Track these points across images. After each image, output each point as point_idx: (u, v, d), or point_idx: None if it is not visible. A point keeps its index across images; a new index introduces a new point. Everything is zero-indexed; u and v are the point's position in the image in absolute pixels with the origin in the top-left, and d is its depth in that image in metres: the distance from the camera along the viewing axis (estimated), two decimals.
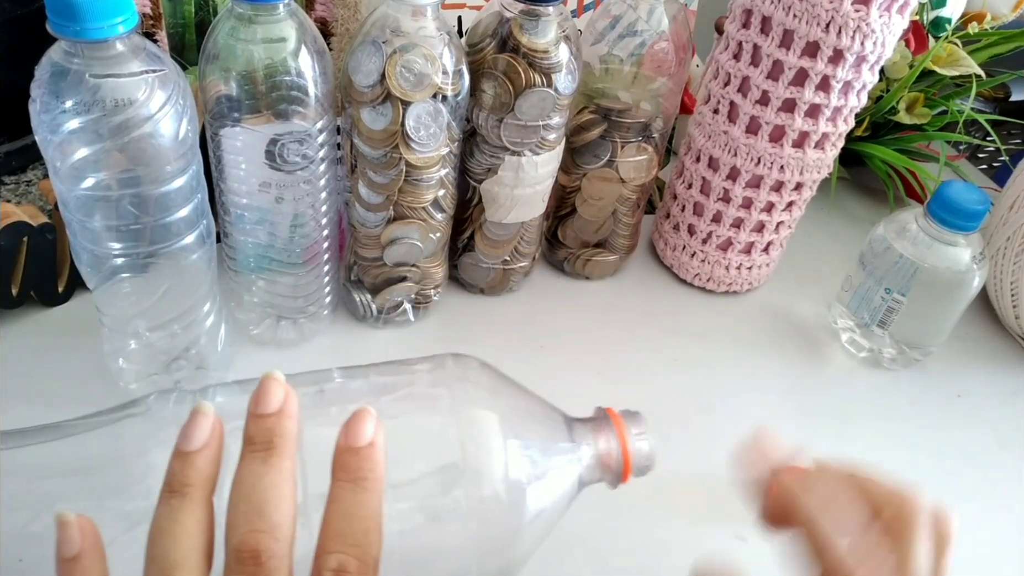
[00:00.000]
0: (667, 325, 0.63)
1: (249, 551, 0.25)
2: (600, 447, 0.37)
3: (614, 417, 0.38)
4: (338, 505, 0.26)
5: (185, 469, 0.26)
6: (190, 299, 0.47)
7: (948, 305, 0.57)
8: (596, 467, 0.37)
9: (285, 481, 0.26)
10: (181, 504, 0.25)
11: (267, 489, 0.25)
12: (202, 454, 0.26)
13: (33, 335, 0.53)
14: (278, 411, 0.27)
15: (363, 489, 0.26)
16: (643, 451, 0.37)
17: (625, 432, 0.37)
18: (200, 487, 0.26)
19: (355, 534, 0.26)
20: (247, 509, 0.25)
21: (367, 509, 0.26)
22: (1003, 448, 0.56)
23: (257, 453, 0.26)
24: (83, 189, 0.39)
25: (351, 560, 0.25)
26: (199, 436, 0.26)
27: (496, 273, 0.61)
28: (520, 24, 0.50)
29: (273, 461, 0.26)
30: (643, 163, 0.60)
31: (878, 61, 0.54)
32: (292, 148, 0.46)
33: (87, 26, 0.35)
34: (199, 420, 0.27)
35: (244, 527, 0.25)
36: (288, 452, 0.26)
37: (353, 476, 0.27)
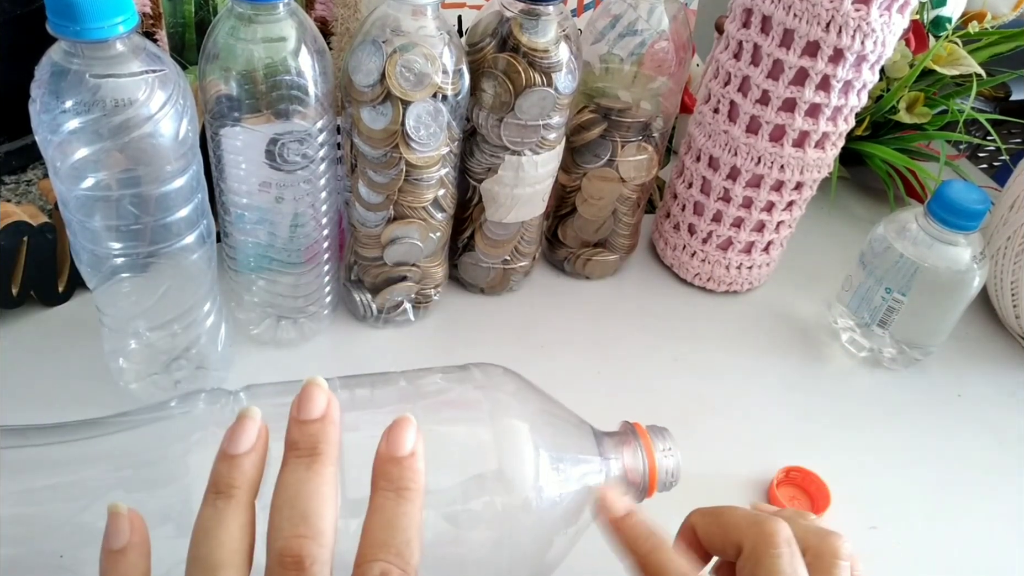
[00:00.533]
0: (667, 324, 0.63)
1: (292, 556, 0.25)
2: (627, 462, 0.37)
3: (641, 432, 0.38)
4: (381, 515, 0.27)
5: (231, 472, 0.26)
6: (190, 299, 0.47)
7: (948, 305, 0.57)
8: (623, 481, 0.37)
9: (329, 487, 0.26)
10: (226, 506, 0.26)
11: (311, 495, 0.26)
12: (248, 457, 0.26)
13: (33, 335, 0.53)
14: (322, 417, 0.27)
15: (405, 499, 0.27)
16: (669, 467, 0.38)
17: (652, 448, 0.38)
18: (245, 490, 0.26)
19: (398, 544, 0.26)
20: (291, 515, 0.25)
21: (409, 519, 0.26)
22: (1003, 447, 0.56)
23: (302, 459, 0.26)
24: (83, 189, 0.39)
25: (394, 568, 0.25)
26: (246, 440, 0.27)
27: (496, 273, 0.61)
28: (520, 23, 0.50)
29: (317, 468, 0.26)
30: (643, 162, 0.60)
31: (878, 60, 0.54)
32: (292, 148, 0.46)
33: (87, 26, 0.35)
34: (246, 424, 0.27)
35: (288, 532, 0.25)
36: (332, 458, 0.27)
37: (395, 486, 0.27)
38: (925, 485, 0.53)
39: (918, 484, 0.53)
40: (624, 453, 0.37)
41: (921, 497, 0.52)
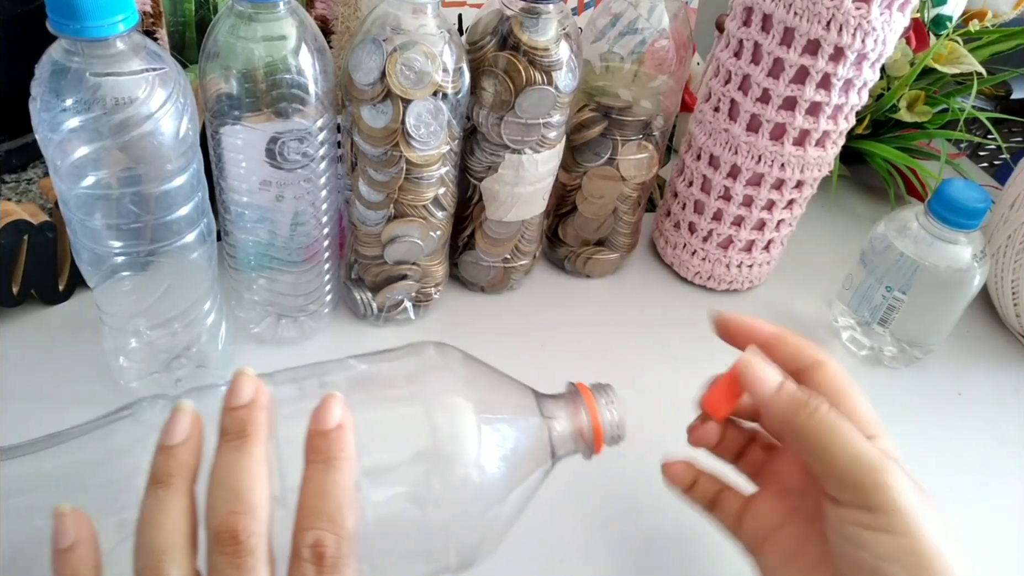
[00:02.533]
0: (667, 323, 0.63)
1: (228, 531, 0.26)
2: (571, 420, 0.38)
3: (583, 390, 0.39)
4: (311, 485, 0.28)
5: (168, 461, 0.28)
6: (191, 297, 0.47)
7: (949, 303, 0.57)
8: (568, 440, 0.38)
9: (259, 465, 0.27)
10: (165, 494, 0.27)
11: (242, 474, 0.27)
12: (184, 447, 0.28)
13: (34, 334, 0.53)
14: (249, 402, 0.29)
15: (334, 468, 0.28)
16: (613, 420, 0.38)
17: (595, 403, 0.38)
18: (183, 477, 0.27)
19: (329, 510, 0.27)
20: (224, 494, 0.27)
21: (338, 486, 0.28)
22: (1004, 446, 0.56)
23: (231, 442, 0.28)
24: (83, 187, 0.39)
25: (327, 535, 0.27)
26: (180, 431, 0.28)
27: (497, 271, 0.61)
28: (520, 22, 0.50)
29: (246, 448, 0.28)
30: (644, 161, 0.60)
31: (879, 59, 0.54)
32: (292, 146, 0.46)
33: (87, 24, 0.35)
34: (179, 416, 0.28)
35: (223, 510, 0.26)
36: (260, 438, 0.28)
37: (324, 456, 0.28)
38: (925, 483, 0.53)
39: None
40: (568, 413, 0.38)
41: None
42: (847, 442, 0.35)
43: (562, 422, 0.38)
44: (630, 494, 0.49)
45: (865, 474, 0.34)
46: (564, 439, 0.38)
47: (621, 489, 0.49)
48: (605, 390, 0.39)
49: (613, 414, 0.38)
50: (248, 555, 0.26)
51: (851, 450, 0.34)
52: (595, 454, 0.38)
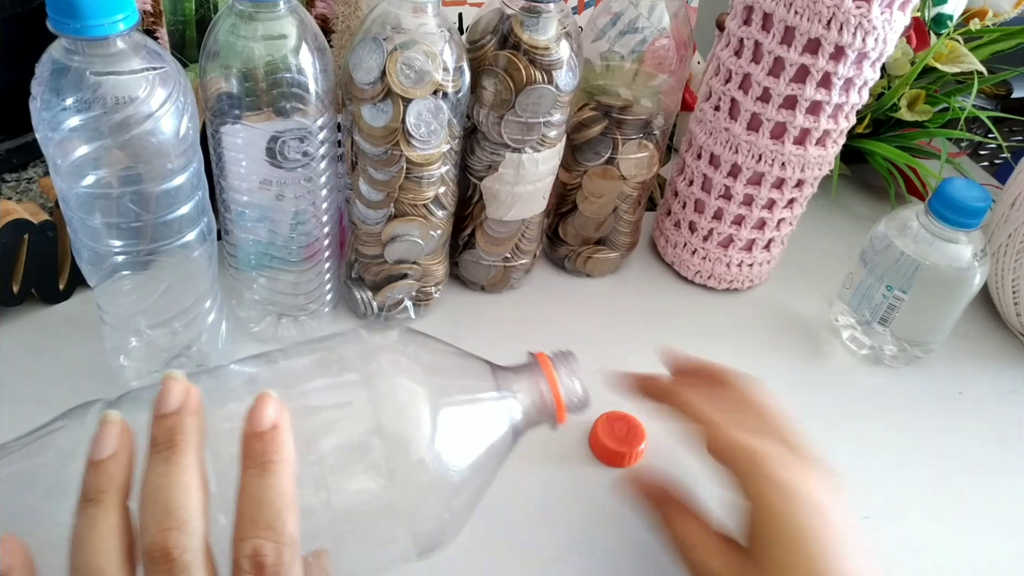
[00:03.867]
0: (668, 322, 0.63)
1: (160, 550, 0.25)
2: (530, 392, 0.36)
3: (542, 359, 0.37)
4: (247, 492, 0.27)
5: (97, 478, 0.26)
6: (191, 297, 0.47)
7: (949, 302, 0.57)
8: (530, 413, 0.37)
9: (189, 476, 0.26)
10: (96, 512, 0.26)
11: (171, 488, 0.26)
12: (113, 461, 0.27)
13: (34, 333, 0.53)
14: (178, 409, 0.27)
15: (270, 472, 0.27)
16: (574, 389, 0.37)
17: (554, 372, 0.37)
18: (114, 493, 0.26)
19: (267, 518, 0.26)
20: (154, 510, 0.26)
21: (276, 491, 0.27)
22: (1004, 445, 0.56)
23: (160, 453, 0.27)
24: (84, 187, 0.39)
25: (265, 543, 0.26)
26: (108, 444, 0.27)
27: (497, 270, 0.61)
28: (521, 21, 0.50)
29: (175, 459, 0.26)
30: (644, 160, 0.60)
31: (879, 58, 0.54)
32: (293, 145, 0.46)
33: (88, 23, 0.35)
34: (107, 429, 0.27)
35: (153, 527, 0.25)
36: (190, 447, 0.27)
37: (259, 461, 0.27)
38: (925, 482, 0.53)
39: (918, 481, 0.53)
40: (527, 384, 0.36)
41: (922, 494, 0.52)
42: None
43: (521, 395, 0.36)
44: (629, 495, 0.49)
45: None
46: (525, 412, 0.36)
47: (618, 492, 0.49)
48: (565, 357, 0.38)
49: (574, 382, 0.37)
50: (183, 572, 0.25)
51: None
52: (559, 424, 0.37)
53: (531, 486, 0.49)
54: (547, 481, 0.49)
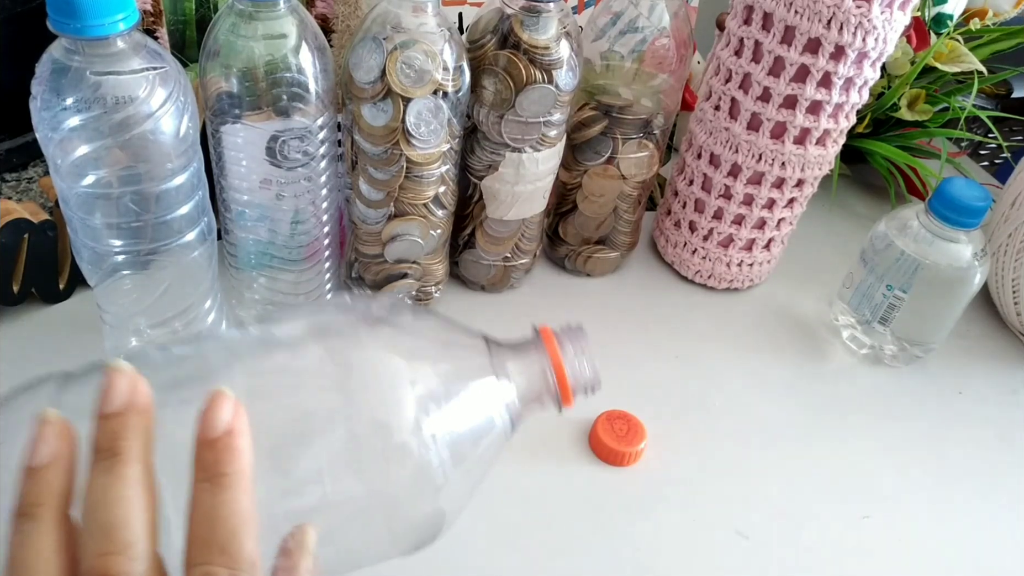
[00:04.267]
0: (668, 322, 0.63)
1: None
2: (531, 373, 0.33)
3: (546, 335, 0.34)
4: (199, 510, 0.24)
5: (33, 488, 0.23)
6: (191, 296, 0.47)
7: (949, 302, 0.57)
8: (530, 396, 0.33)
9: (133, 490, 0.23)
10: (32, 527, 0.23)
11: (113, 503, 0.23)
12: (51, 469, 0.23)
13: (34, 332, 0.53)
14: (122, 408, 0.24)
15: (222, 487, 0.24)
16: (582, 370, 0.33)
17: (560, 351, 0.33)
18: (51, 506, 0.23)
19: (220, 540, 0.23)
20: (94, 530, 0.23)
21: (229, 508, 0.24)
22: (1004, 445, 0.56)
23: (102, 462, 0.23)
24: (84, 186, 0.39)
25: (219, 569, 0.23)
26: (46, 449, 0.24)
27: (497, 270, 0.61)
28: (521, 20, 0.50)
29: (118, 470, 0.23)
30: (644, 160, 0.60)
31: (880, 57, 0.54)
32: (293, 145, 0.46)
33: (88, 23, 0.35)
34: (44, 431, 0.24)
35: (92, 551, 0.22)
36: (135, 454, 0.24)
37: (210, 473, 0.24)
38: (925, 482, 0.53)
39: (918, 481, 0.53)
40: (528, 363, 0.33)
41: (922, 494, 0.52)
42: None
43: (520, 376, 0.33)
44: (629, 494, 0.49)
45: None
46: (523, 396, 0.33)
47: (619, 489, 0.49)
48: (573, 333, 0.34)
49: (582, 362, 0.33)
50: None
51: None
52: (566, 407, 0.34)
53: (531, 485, 0.49)
54: (547, 480, 0.49)
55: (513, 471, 0.49)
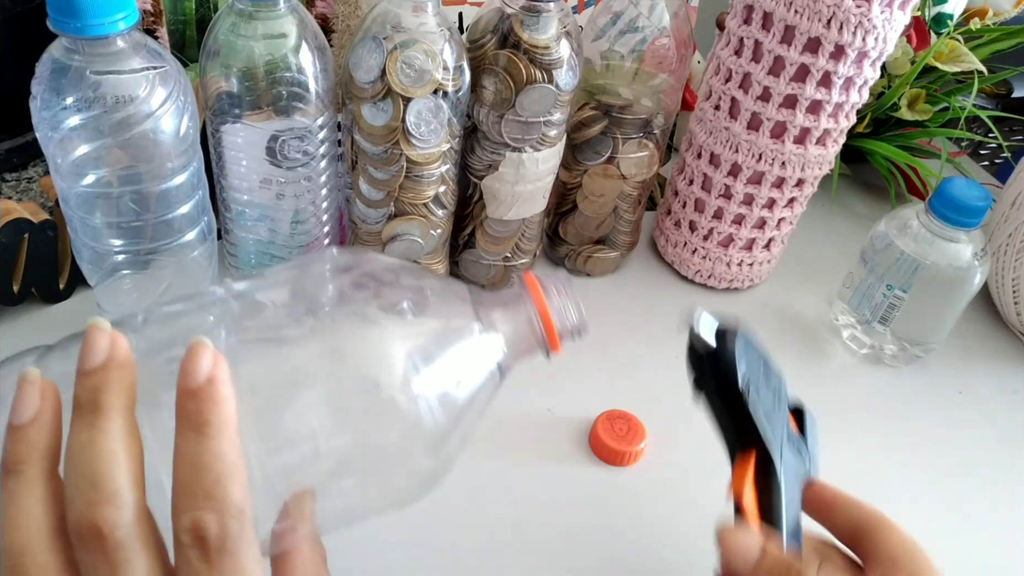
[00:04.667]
0: (668, 322, 0.62)
1: (88, 527, 0.22)
2: (516, 320, 0.33)
3: (530, 280, 0.33)
4: (182, 457, 0.24)
5: (17, 446, 0.24)
6: None
7: (950, 302, 0.57)
8: (517, 344, 0.33)
9: (117, 442, 0.23)
10: (16, 484, 0.23)
11: (97, 456, 0.23)
12: (34, 426, 0.24)
13: (34, 332, 0.53)
14: (103, 364, 0.24)
15: (206, 435, 0.24)
16: (567, 313, 0.33)
17: (544, 296, 0.33)
18: (36, 462, 0.24)
19: (206, 486, 0.23)
20: (79, 482, 0.23)
21: (214, 455, 0.23)
22: (1005, 445, 0.56)
23: (84, 417, 0.24)
24: (84, 186, 0.39)
25: (205, 515, 0.23)
26: (27, 407, 0.24)
27: (497, 270, 0.61)
28: (521, 20, 0.50)
29: (100, 424, 0.23)
30: (644, 159, 0.60)
31: (880, 57, 0.53)
32: (293, 144, 0.46)
33: (88, 23, 0.35)
34: (25, 389, 0.24)
35: (79, 502, 0.23)
36: (116, 408, 0.24)
37: (194, 422, 0.24)
38: (926, 482, 0.53)
39: (919, 481, 0.53)
40: (512, 312, 0.33)
41: (922, 494, 0.52)
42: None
43: (506, 325, 0.32)
44: (629, 494, 0.49)
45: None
46: (510, 344, 0.33)
47: (619, 489, 0.49)
48: (556, 278, 0.34)
49: (567, 305, 0.33)
50: (116, 550, 0.23)
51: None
52: (554, 353, 0.34)
53: (531, 485, 0.49)
54: (547, 480, 0.49)
55: (513, 471, 0.49)
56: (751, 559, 0.33)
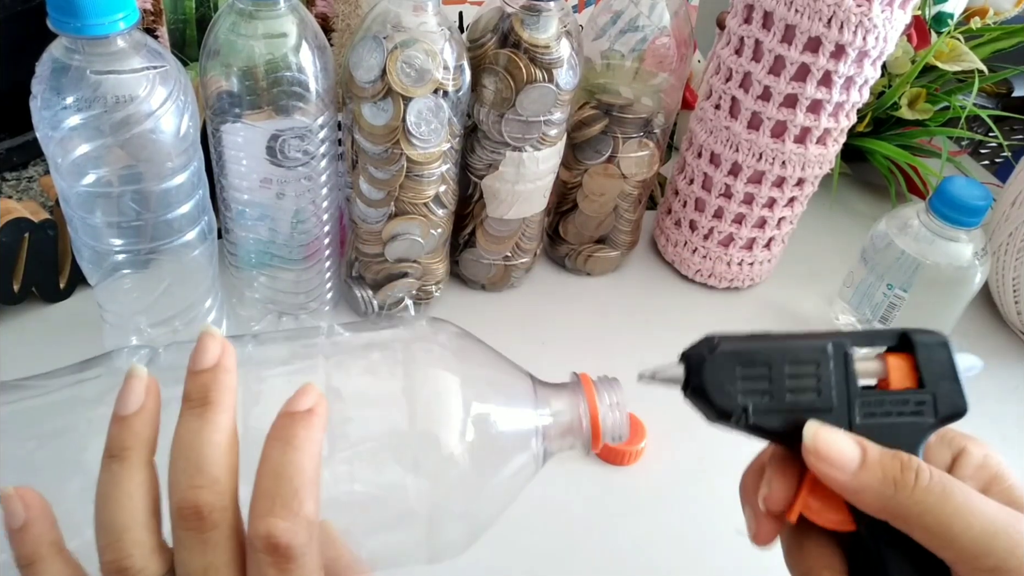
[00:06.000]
0: (668, 321, 0.63)
1: (190, 507, 0.25)
2: (568, 412, 0.35)
3: (586, 381, 0.36)
4: (266, 464, 0.26)
5: (122, 433, 0.26)
6: (191, 295, 0.47)
7: (950, 301, 0.57)
8: (564, 433, 0.35)
9: (222, 435, 0.26)
10: (120, 468, 0.26)
11: (203, 445, 0.25)
12: (138, 416, 0.26)
13: (34, 331, 0.53)
14: (213, 366, 0.27)
15: (293, 447, 0.26)
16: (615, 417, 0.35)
17: (596, 397, 0.35)
18: (138, 449, 0.26)
19: (284, 495, 0.25)
20: (185, 466, 0.25)
21: (295, 467, 0.25)
22: (1005, 444, 0.56)
23: (193, 410, 0.26)
24: (84, 185, 0.39)
25: (279, 523, 0.25)
26: (133, 400, 0.26)
27: (497, 269, 0.61)
28: (521, 19, 0.50)
29: (209, 416, 0.26)
30: (644, 159, 0.60)
31: (880, 56, 0.53)
32: (293, 144, 0.46)
33: (88, 22, 0.35)
34: (132, 383, 0.27)
35: (184, 484, 0.25)
36: (224, 406, 0.26)
37: (285, 435, 0.26)
38: None
39: None
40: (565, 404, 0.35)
41: None
42: (970, 515, 0.27)
43: (558, 413, 0.35)
44: (629, 494, 0.49)
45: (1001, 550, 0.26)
46: (559, 431, 0.35)
47: (619, 489, 0.49)
48: (610, 384, 0.36)
49: (615, 410, 0.35)
50: (212, 529, 0.25)
51: (978, 524, 0.27)
52: (594, 451, 0.36)
53: (531, 484, 0.49)
54: (547, 480, 0.49)
55: None
56: (852, 465, 0.29)
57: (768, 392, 0.31)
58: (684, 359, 0.34)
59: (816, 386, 0.31)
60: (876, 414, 0.31)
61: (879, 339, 0.33)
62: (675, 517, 0.48)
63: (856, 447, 0.29)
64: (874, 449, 0.29)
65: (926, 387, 0.31)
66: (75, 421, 0.30)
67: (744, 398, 0.31)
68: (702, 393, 0.32)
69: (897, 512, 0.28)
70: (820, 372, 0.31)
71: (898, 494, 0.28)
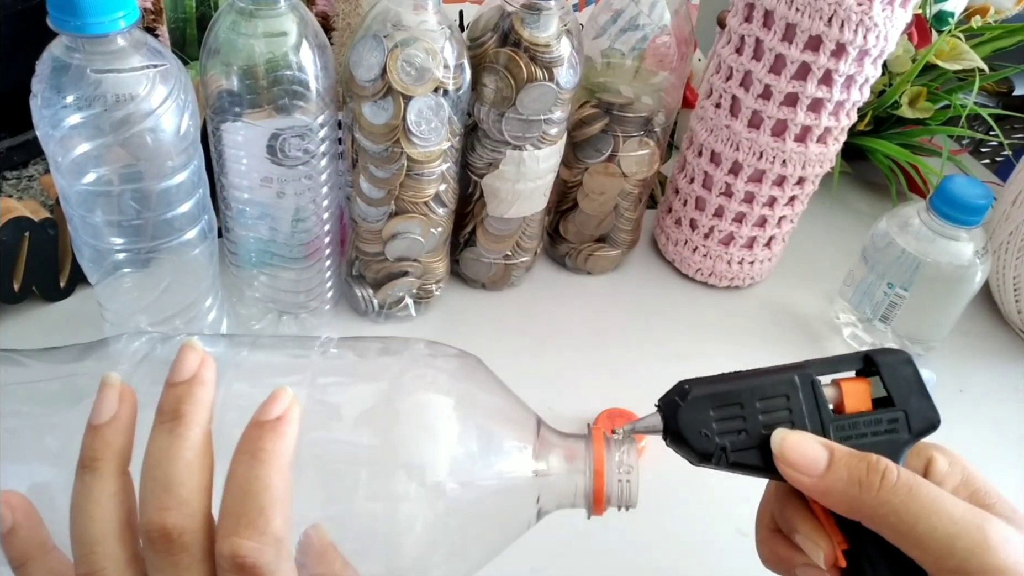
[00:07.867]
0: (669, 320, 0.63)
1: (158, 530, 0.24)
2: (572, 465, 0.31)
3: (597, 437, 0.32)
4: (232, 481, 0.25)
5: (94, 443, 0.25)
6: (192, 294, 0.47)
7: (950, 300, 0.57)
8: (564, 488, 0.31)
9: (192, 452, 0.25)
10: (92, 479, 0.25)
11: (172, 463, 0.25)
12: (110, 426, 0.26)
13: (35, 330, 0.53)
14: (189, 379, 0.26)
15: (260, 461, 0.25)
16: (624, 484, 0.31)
17: (605, 455, 0.31)
18: (110, 460, 0.25)
19: (249, 513, 0.24)
20: (153, 487, 0.25)
21: (261, 483, 0.25)
22: (1006, 443, 0.56)
23: (164, 424, 0.25)
24: (84, 184, 0.39)
25: (244, 543, 0.24)
26: (106, 409, 0.26)
27: (498, 268, 0.61)
28: (522, 18, 0.50)
29: (179, 431, 0.25)
30: (645, 158, 0.60)
31: (881, 55, 0.53)
32: (293, 143, 0.46)
33: (88, 21, 0.35)
34: (105, 392, 0.26)
35: (152, 505, 0.24)
36: (196, 421, 0.25)
37: (251, 448, 0.25)
38: None
39: None
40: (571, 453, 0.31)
41: None
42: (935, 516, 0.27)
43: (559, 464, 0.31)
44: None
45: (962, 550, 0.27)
46: (559, 486, 0.31)
47: None
48: (624, 445, 0.32)
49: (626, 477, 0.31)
50: (181, 552, 0.24)
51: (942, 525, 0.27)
52: (595, 515, 0.32)
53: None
54: None
55: None
56: (818, 467, 0.29)
57: (743, 430, 0.32)
58: (660, 407, 0.33)
59: (789, 417, 0.32)
60: (852, 436, 0.32)
61: (844, 364, 0.33)
62: (675, 517, 0.48)
63: (823, 450, 0.30)
64: (841, 451, 0.30)
65: (896, 405, 0.32)
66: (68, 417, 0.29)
67: (721, 438, 0.32)
68: (680, 439, 0.32)
69: (863, 512, 0.29)
70: (791, 404, 0.32)
71: (863, 494, 0.28)
